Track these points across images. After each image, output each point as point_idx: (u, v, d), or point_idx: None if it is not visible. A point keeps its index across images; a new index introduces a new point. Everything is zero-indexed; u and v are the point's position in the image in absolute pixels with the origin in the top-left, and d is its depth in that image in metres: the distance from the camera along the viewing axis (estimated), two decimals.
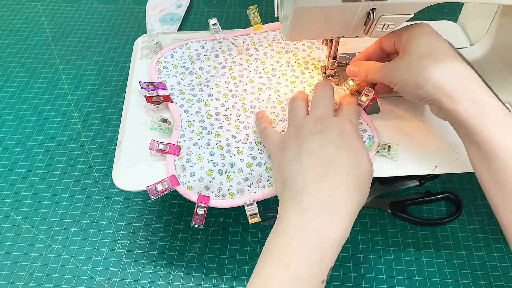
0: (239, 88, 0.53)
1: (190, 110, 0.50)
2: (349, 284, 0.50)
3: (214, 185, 0.45)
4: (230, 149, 0.46)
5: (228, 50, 0.57)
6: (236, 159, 0.46)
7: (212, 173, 0.45)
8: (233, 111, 0.51)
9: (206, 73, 0.54)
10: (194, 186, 0.45)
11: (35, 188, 0.59)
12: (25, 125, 0.66)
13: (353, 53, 0.56)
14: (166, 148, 0.46)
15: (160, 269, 0.51)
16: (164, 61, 0.55)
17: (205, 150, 0.46)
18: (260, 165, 0.46)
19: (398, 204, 0.55)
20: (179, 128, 0.49)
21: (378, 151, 0.46)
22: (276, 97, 0.52)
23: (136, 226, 0.55)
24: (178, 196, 0.57)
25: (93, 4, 0.86)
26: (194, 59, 0.56)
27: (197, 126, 0.49)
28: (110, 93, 0.70)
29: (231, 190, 0.45)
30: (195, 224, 0.44)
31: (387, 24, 0.42)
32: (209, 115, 0.50)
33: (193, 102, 0.51)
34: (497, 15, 0.52)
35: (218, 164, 0.45)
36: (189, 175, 0.45)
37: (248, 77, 0.54)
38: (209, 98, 0.51)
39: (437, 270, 0.51)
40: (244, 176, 0.45)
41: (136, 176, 0.46)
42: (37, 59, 0.75)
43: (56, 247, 0.53)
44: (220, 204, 0.44)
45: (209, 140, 0.47)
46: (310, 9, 0.40)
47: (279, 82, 0.53)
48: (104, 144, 0.63)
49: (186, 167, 0.45)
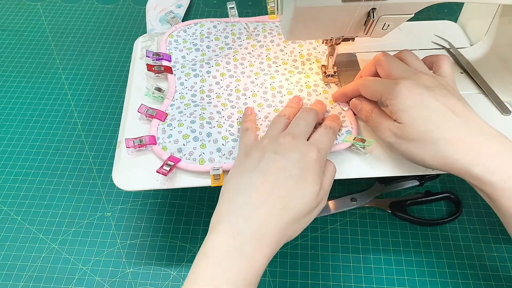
0: (237, 69, 0.54)
1: (186, 83, 0.53)
2: (349, 284, 0.50)
3: (187, 148, 0.46)
4: (211, 121, 0.48)
5: (238, 33, 0.58)
6: (214, 130, 0.47)
7: (188, 138, 0.47)
8: (226, 90, 0.52)
9: (211, 52, 0.56)
10: (169, 147, 0.46)
11: (35, 188, 0.58)
12: (25, 125, 0.66)
13: (353, 53, 0.56)
14: (154, 113, 0.49)
15: (160, 269, 0.51)
16: (176, 35, 0.58)
17: (187, 118, 0.48)
18: (235, 141, 0.47)
19: (398, 204, 0.55)
20: (171, 98, 0.51)
21: (353, 144, 0.46)
22: (270, 83, 0.53)
23: (136, 226, 0.55)
24: (178, 196, 0.57)
25: (93, 4, 0.86)
26: (204, 37, 0.58)
27: (188, 98, 0.51)
28: (110, 93, 0.70)
29: (202, 156, 0.46)
30: (159, 178, 0.45)
31: (387, 24, 0.42)
32: (202, 91, 0.52)
33: (190, 77, 0.53)
34: (497, 15, 0.52)
35: (195, 131, 0.47)
36: (166, 137, 0.47)
37: (250, 61, 0.55)
38: (206, 75, 0.53)
39: (437, 270, 0.51)
40: (217, 146, 0.46)
41: (136, 176, 0.46)
42: (37, 59, 0.75)
43: (56, 247, 0.53)
44: (189, 167, 0.45)
45: (194, 111, 0.49)
46: (310, 9, 0.40)
47: (277, 69, 0.54)
48: (104, 144, 0.63)
49: (166, 130, 0.48)
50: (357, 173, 0.46)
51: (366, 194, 0.56)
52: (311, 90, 0.52)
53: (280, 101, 0.51)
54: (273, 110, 0.50)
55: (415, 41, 0.58)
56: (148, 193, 0.58)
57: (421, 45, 0.57)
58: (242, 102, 0.51)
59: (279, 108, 0.50)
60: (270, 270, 0.51)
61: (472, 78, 0.53)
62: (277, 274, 0.51)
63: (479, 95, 0.52)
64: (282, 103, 0.51)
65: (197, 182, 0.45)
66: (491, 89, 0.51)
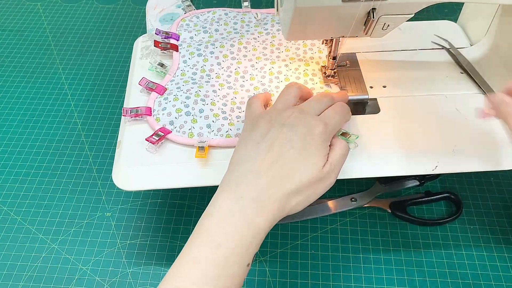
0: (240, 52, 0.56)
1: (189, 61, 0.55)
2: (349, 284, 0.50)
3: (178, 122, 0.48)
4: (205, 99, 0.50)
5: (248, 21, 0.60)
6: (207, 107, 0.49)
7: (180, 112, 0.49)
8: (226, 71, 0.54)
9: (218, 35, 0.58)
10: (162, 119, 0.49)
11: (35, 188, 0.59)
12: (25, 125, 0.66)
13: (353, 53, 0.56)
14: (153, 87, 0.51)
15: (160, 269, 0.51)
16: (188, 20, 0.60)
17: (183, 94, 0.50)
18: (225, 119, 0.49)
19: (398, 204, 0.55)
20: (172, 74, 0.53)
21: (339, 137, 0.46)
22: (270, 68, 0.54)
23: (136, 226, 0.55)
24: (178, 196, 0.57)
25: (93, 4, 0.86)
26: (214, 22, 0.60)
27: (188, 76, 0.53)
28: (110, 93, 0.70)
29: (192, 130, 0.48)
30: (148, 146, 0.47)
31: (387, 24, 0.42)
32: (203, 70, 0.54)
33: (194, 56, 0.55)
34: (497, 15, 0.52)
35: (189, 106, 0.49)
36: (161, 109, 0.49)
37: (254, 45, 0.56)
38: (209, 55, 0.55)
39: (437, 270, 0.51)
40: (208, 123, 0.48)
41: (136, 176, 0.46)
42: (37, 59, 0.75)
43: (56, 247, 0.53)
44: (178, 139, 0.47)
45: (191, 88, 0.51)
46: (310, 9, 0.40)
47: (279, 55, 0.55)
48: (104, 144, 0.63)
49: (162, 103, 0.50)
50: (357, 173, 0.46)
51: (366, 194, 0.56)
52: (308, 78, 0.53)
53: (276, 87, 0.52)
54: (270, 62, 0.54)
55: (415, 41, 0.58)
56: (148, 193, 0.58)
57: (421, 45, 0.58)
58: (239, 84, 0.53)
59: (274, 93, 0.52)
60: (270, 270, 0.51)
61: (472, 78, 0.53)
62: (277, 274, 0.51)
63: (479, 95, 0.52)
64: (278, 88, 0.52)
65: (183, 156, 0.46)
66: (491, 89, 0.51)
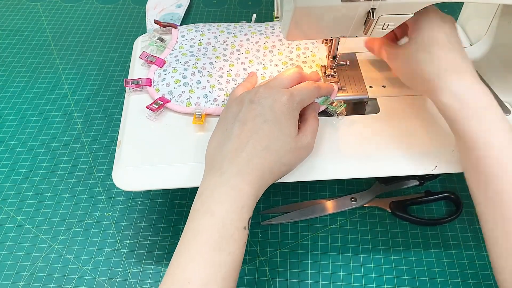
0: (233, 55, 0.56)
1: (187, 36, 0.58)
2: (349, 284, 0.50)
3: (177, 92, 0.51)
4: (203, 71, 0.53)
5: (241, 24, 0.60)
6: (204, 79, 0.52)
7: (179, 82, 0.51)
8: (222, 44, 0.56)
9: (211, 34, 0.58)
10: (161, 89, 0.51)
11: (35, 188, 0.59)
12: (25, 125, 0.66)
13: (353, 53, 0.56)
14: (154, 60, 0.54)
15: (160, 269, 0.51)
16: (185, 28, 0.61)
17: (182, 66, 0.53)
18: (221, 90, 0.51)
19: (398, 204, 0.55)
20: (171, 48, 0.56)
21: (327, 106, 0.48)
22: (262, 73, 0.54)
23: (136, 226, 0.55)
24: (178, 196, 0.57)
25: (93, 4, 0.86)
26: (207, 24, 0.60)
27: (186, 49, 0.56)
28: (110, 93, 0.70)
29: (189, 100, 0.50)
30: (148, 113, 0.50)
31: (387, 24, 0.42)
32: (200, 43, 0.57)
33: (192, 31, 0.58)
34: (497, 15, 0.52)
35: (187, 77, 0.52)
36: (160, 80, 0.52)
37: (247, 48, 0.57)
38: (207, 31, 0.58)
39: (437, 270, 0.51)
40: (205, 93, 0.51)
41: (136, 176, 0.46)
42: (37, 59, 0.75)
43: (56, 247, 0.53)
44: (176, 108, 0.50)
45: (189, 60, 0.54)
46: (310, 9, 0.40)
47: (272, 59, 0.55)
48: (104, 144, 0.63)
49: (161, 75, 0.53)
50: (357, 173, 0.46)
51: (366, 194, 0.56)
52: None
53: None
54: (262, 67, 0.54)
55: None
56: (148, 193, 0.58)
57: None
58: (235, 57, 0.55)
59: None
60: (270, 270, 0.51)
61: None
62: (277, 274, 0.51)
63: None
64: None
65: (181, 122, 0.49)
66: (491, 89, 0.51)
